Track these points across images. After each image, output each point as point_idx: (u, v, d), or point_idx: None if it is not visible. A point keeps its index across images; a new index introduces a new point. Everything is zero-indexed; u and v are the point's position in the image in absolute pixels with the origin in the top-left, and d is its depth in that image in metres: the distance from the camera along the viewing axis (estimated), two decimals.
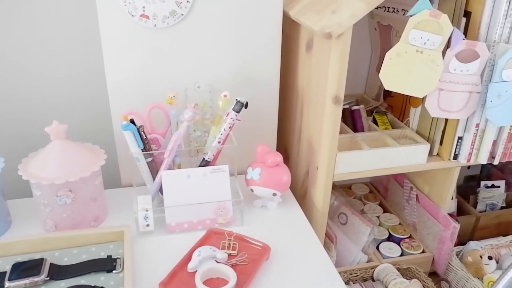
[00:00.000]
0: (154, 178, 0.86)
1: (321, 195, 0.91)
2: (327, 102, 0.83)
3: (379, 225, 1.16)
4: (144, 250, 0.79)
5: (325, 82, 0.82)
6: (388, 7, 1.00)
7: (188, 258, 0.75)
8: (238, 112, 0.82)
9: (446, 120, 0.92)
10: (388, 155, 0.91)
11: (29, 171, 0.77)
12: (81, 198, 0.79)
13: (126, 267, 0.71)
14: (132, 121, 0.80)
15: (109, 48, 0.85)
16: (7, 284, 0.68)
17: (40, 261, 0.71)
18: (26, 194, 0.89)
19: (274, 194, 0.88)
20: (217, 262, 0.75)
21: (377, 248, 1.09)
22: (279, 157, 0.87)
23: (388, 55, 0.80)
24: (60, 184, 0.75)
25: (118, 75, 0.87)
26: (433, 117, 0.90)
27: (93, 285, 0.68)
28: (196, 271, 0.73)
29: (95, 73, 0.98)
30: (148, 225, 0.82)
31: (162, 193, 0.88)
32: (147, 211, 0.81)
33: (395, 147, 0.92)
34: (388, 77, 0.81)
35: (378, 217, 1.19)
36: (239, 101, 0.82)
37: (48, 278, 0.70)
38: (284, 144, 1.09)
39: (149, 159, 0.84)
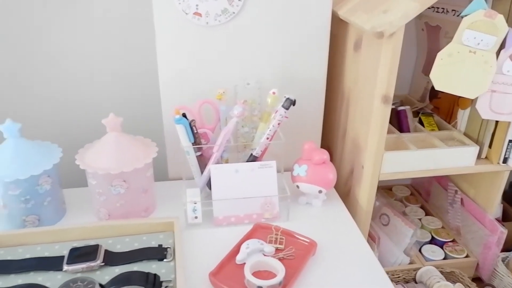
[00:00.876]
0: (202, 172, 0.88)
1: (365, 194, 0.91)
2: (375, 102, 0.83)
3: (421, 227, 1.15)
4: (192, 241, 0.81)
5: (374, 82, 0.82)
6: (438, 8, 0.99)
7: (236, 250, 0.77)
8: (287, 109, 0.83)
9: (496, 122, 0.90)
10: (436, 156, 0.90)
11: (86, 161, 0.81)
12: (133, 189, 0.82)
13: (177, 256, 0.73)
14: (184, 116, 0.82)
15: (163, 45, 0.88)
16: (65, 267, 0.71)
17: (96, 247, 0.74)
18: (80, 184, 0.94)
19: (320, 191, 0.88)
20: (264, 255, 0.76)
21: (419, 250, 1.08)
22: (325, 155, 0.88)
23: (440, 55, 0.80)
24: (115, 174, 0.78)
25: (170, 71, 0.89)
26: (482, 119, 0.89)
27: (146, 271, 0.70)
28: (244, 263, 0.74)
29: (146, 70, 1.01)
30: (196, 217, 0.84)
31: (208, 187, 0.91)
32: (195, 203, 0.84)
33: (443, 149, 0.91)
34: (439, 77, 0.81)
35: (420, 219, 1.18)
36: (288, 98, 0.83)
37: (103, 264, 0.72)
38: (327, 142, 1.10)
39: (198, 153, 0.86)
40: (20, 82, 0.98)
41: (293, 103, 0.84)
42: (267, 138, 0.86)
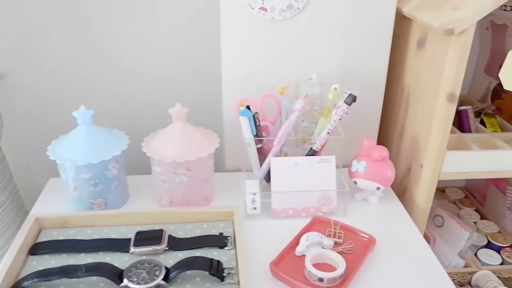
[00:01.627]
0: (260, 165, 0.90)
1: (424, 193, 0.90)
2: (439, 100, 0.82)
3: (476, 231, 1.13)
4: (250, 231, 0.83)
5: (439, 80, 0.81)
6: (506, 6, 0.97)
7: (295, 242, 0.78)
8: (349, 104, 0.84)
9: None
10: (499, 158, 0.88)
11: (152, 148, 0.84)
12: (196, 178, 0.85)
13: (238, 245, 0.75)
14: (248, 108, 0.83)
15: (227, 39, 0.89)
16: (132, 249, 0.74)
17: (160, 232, 0.77)
18: (140, 171, 0.97)
19: (378, 188, 0.88)
20: (323, 248, 0.77)
21: (475, 254, 1.06)
22: (385, 152, 0.87)
23: (511, 54, 0.78)
24: (180, 163, 0.81)
25: (233, 65, 0.91)
26: None
27: (209, 258, 0.72)
28: (303, 255, 0.75)
29: (207, 64, 1.03)
30: (255, 208, 0.85)
31: (266, 180, 0.92)
32: (254, 195, 0.85)
33: (507, 150, 0.89)
34: (508, 77, 0.79)
35: (475, 223, 1.15)
36: (351, 94, 0.83)
37: (167, 248, 0.75)
38: (383, 139, 1.09)
39: (259, 146, 0.88)
40: (93, 76, 1.03)
41: (355, 99, 0.84)
42: (328, 133, 0.86)
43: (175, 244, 0.76)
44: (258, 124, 0.85)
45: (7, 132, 1.04)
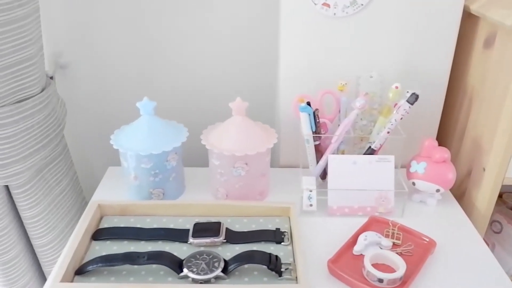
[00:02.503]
0: (317, 162, 0.89)
1: (485, 198, 0.87)
2: (508, 101, 0.79)
3: None
4: (306, 228, 0.83)
5: (508, 80, 0.78)
6: None
7: (353, 241, 0.77)
8: (412, 104, 0.82)
9: None
10: None
11: (211, 141, 0.85)
12: (253, 172, 0.85)
13: (295, 240, 0.74)
14: (308, 104, 0.83)
15: (287, 34, 0.89)
16: (191, 240, 0.76)
17: (218, 224, 0.78)
18: (195, 163, 0.99)
19: (438, 190, 0.86)
20: (381, 249, 0.76)
21: None
22: (447, 154, 0.85)
23: None
24: (239, 156, 0.81)
25: (292, 60, 0.91)
26: None
27: (268, 252, 0.73)
28: (361, 254, 0.75)
29: (263, 60, 1.04)
30: (311, 205, 0.85)
31: (321, 177, 0.92)
32: (311, 191, 0.85)
33: None
34: None
35: None
36: (414, 93, 0.81)
37: (225, 241, 0.76)
38: (441, 140, 1.06)
39: (317, 142, 0.87)
40: (152, 70, 1.05)
41: (417, 98, 0.82)
42: (388, 132, 0.85)
43: (232, 237, 0.77)
44: (317, 121, 0.84)
45: (68, 121, 1.08)
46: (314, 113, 0.83)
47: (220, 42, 1.03)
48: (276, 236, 0.77)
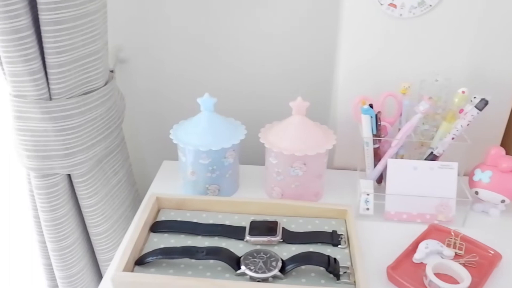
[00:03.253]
0: (374, 165, 0.88)
1: None
2: None
3: None
4: (362, 232, 0.81)
5: None
6: None
7: (412, 248, 0.75)
8: (480, 110, 0.79)
9: None
10: None
11: (269, 140, 0.84)
12: (310, 173, 0.84)
13: (354, 244, 0.73)
14: (370, 106, 0.82)
15: (349, 34, 0.88)
16: (247, 237, 0.76)
17: (275, 223, 0.78)
18: (247, 161, 0.99)
19: (503, 201, 0.83)
20: (442, 258, 0.73)
21: None
22: None
23: None
24: (298, 156, 0.81)
25: (353, 61, 0.90)
26: None
27: (326, 254, 0.72)
28: (421, 262, 0.73)
29: (319, 60, 1.02)
30: (368, 209, 0.84)
31: (377, 181, 0.90)
32: (368, 195, 0.83)
33: None
34: None
35: None
36: (483, 99, 0.79)
37: (281, 240, 0.76)
38: (506, 148, 1.02)
39: (376, 146, 0.86)
40: (209, 68, 1.06)
41: (487, 104, 0.79)
42: (452, 138, 0.82)
43: (289, 237, 0.76)
44: (379, 123, 0.83)
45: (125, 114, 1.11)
46: (376, 115, 0.81)
47: (277, 41, 1.02)
48: (334, 239, 0.76)
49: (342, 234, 0.77)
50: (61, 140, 0.84)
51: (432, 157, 0.85)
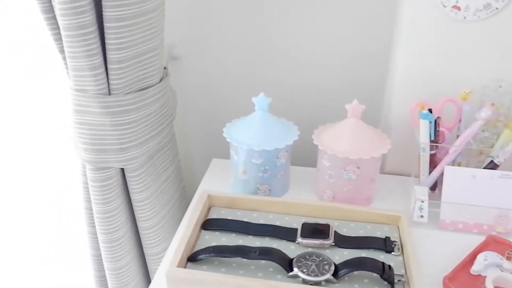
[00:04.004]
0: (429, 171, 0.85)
1: None
2: None
3: None
4: (415, 239, 0.79)
5: None
6: None
7: (470, 259, 0.73)
8: None
9: None
10: None
11: (323, 142, 0.84)
12: (364, 177, 0.83)
13: (409, 252, 0.71)
14: (430, 111, 0.80)
15: (409, 36, 0.86)
16: (299, 239, 0.75)
17: (327, 226, 0.77)
18: (297, 163, 0.98)
19: None
20: (501, 271, 0.71)
21: None
22: None
23: None
24: (353, 160, 0.80)
25: (410, 63, 0.87)
26: None
27: (380, 261, 0.70)
28: (479, 275, 0.70)
29: (375, 61, 1.01)
30: (422, 216, 0.82)
31: (431, 188, 0.88)
32: (422, 202, 0.81)
33: None
34: None
35: None
36: None
37: (333, 244, 0.75)
38: None
39: (433, 152, 0.83)
40: (261, 68, 1.06)
41: None
42: None
43: (341, 240, 0.75)
44: (437, 129, 0.80)
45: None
46: (435, 121, 0.79)
47: (331, 43, 1.01)
48: (387, 245, 0.75)
49: (395, 241, 0.76)
50: (117, 135, 0.86)
51: (492, 165, 0.82)
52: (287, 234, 0.77)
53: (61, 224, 1.40)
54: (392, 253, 0.74)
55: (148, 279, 1.11)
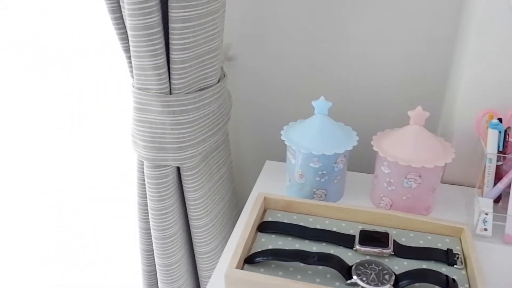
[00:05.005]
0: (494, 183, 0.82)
1: None
2: None
3: None
4: (479, 253, 0.76)
5: None
6: None
7: None
8: None
9: None
10: None
11: (383, 148, 0.82)
12: (424, 186, 0.81)
13: (474, 266, 0.69)
14: (500, 121, 0.77)
15: (477, 42, 0.82)
16: (357, 247, 0.74)
17: (386, 235, 0.75)
18: (351, 168, 0.97)
19: None
20: None
21: None
22: None
23: None
24: (414, 168, 0.78)
25: (479, 70, 0.84)
26: None
27: (444, 273, 0.68)
28: None
29: (436, 66, 0.98)
30: (486, 229, 0.79)
31: (494, 201, 0.85)
32: (487, 214, 0.78)
33: None
34: None
35: None
36: None
37: (393, 253, 0.73)
38: None
39: (499, 163, 0.80)
40: (318, 70, 1.05)
41: None
42: None
43: (401, 250, 0.74)
44: (506, 140, 0.77)
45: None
46: (505, 131, 0.76)
47: (391, 46, 0.99)
48: (449, 257, 0.72)
49: (458, 254, 0.73)
50: (176, 134, 0.87)
51: None
52: (344, 240, 0.76)
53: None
54: (455, 266, 0.71)
55: (196, 277, 1.12)
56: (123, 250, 1.45)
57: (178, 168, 0.93)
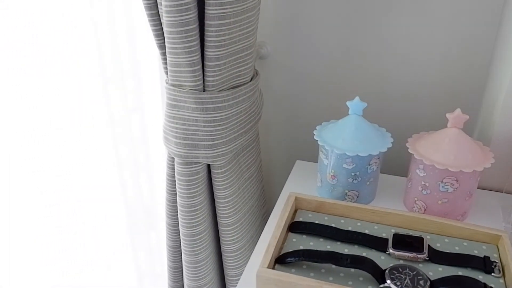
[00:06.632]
0: None
1: None
2: None
3: None
4: None
5: None
6: None
7: None
8: None
9: None
10: None
11: (418, 151, 0.80)
12: (461, 191, 0.79)
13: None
14: None
15: None
16: (390, 250, 0.72)
17: (420, 240, 0.73)
18: (384, 170, 0.95)
19: None
20: None
21: None
22: None
23: None
24: (452, 172, 0.76)
25: None
26: None
27: (482, 281, 0.66)
28: None
29: (474, 69, 0.96)
30: None
31: None
32: None
33: None
34: None
35: None
36: None
37: (427, 258, 0.71)
38: None
39: None
40: (352, 69, 1.04)
41: None
42: None
43: (436, 256, 0.72)
44: None
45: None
46: None
47: (427, 47, 0.97)
48: (486, 265, 0.70)
49: (496, 261, 0.71)
50: (208, 131, 0.87)
51: None
52: (377, 243, 0.74)
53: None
54: (492, 274, 0.69)
55: (222, 275, 1.12)
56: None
57: (209, 165, 0.93)
